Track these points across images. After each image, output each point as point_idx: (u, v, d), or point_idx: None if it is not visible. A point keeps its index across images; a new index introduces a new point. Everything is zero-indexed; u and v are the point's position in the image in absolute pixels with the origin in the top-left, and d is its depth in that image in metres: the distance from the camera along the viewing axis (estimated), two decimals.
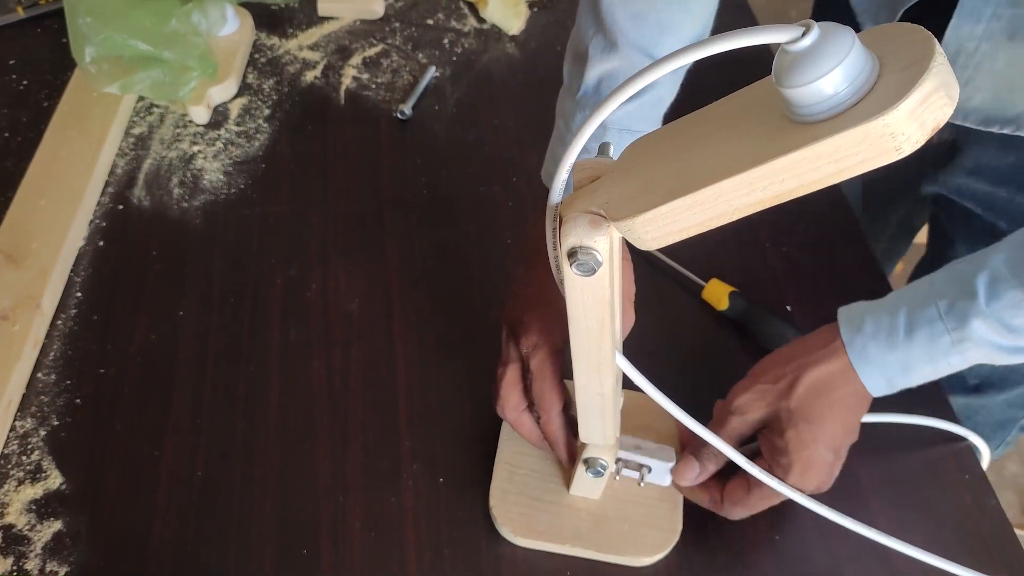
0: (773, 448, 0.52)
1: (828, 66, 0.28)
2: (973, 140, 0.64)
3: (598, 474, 0.53)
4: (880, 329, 0.49)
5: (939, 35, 0.56)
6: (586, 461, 0.53)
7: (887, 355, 0.49)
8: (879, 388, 0.51)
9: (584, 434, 0.51)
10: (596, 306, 0.40)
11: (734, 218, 0.33)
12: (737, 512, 0.54)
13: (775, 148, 0.30)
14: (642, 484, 0.55)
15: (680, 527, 0.56)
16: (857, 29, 0.91)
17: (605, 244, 0.36)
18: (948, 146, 0.65)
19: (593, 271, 0.37)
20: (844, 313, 0.52)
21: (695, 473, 0.54)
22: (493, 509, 0.56)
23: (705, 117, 0.35)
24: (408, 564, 0.54)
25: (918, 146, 0.28)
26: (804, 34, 0.28)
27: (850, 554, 0.56)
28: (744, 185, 0.31)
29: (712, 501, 0.54)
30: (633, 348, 0.67)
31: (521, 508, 0.56)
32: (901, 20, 0.58)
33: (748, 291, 0.68)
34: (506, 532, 0.55)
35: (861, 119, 0.28)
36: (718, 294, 0.68)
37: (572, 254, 0.37)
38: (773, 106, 0.32)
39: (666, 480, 0.55)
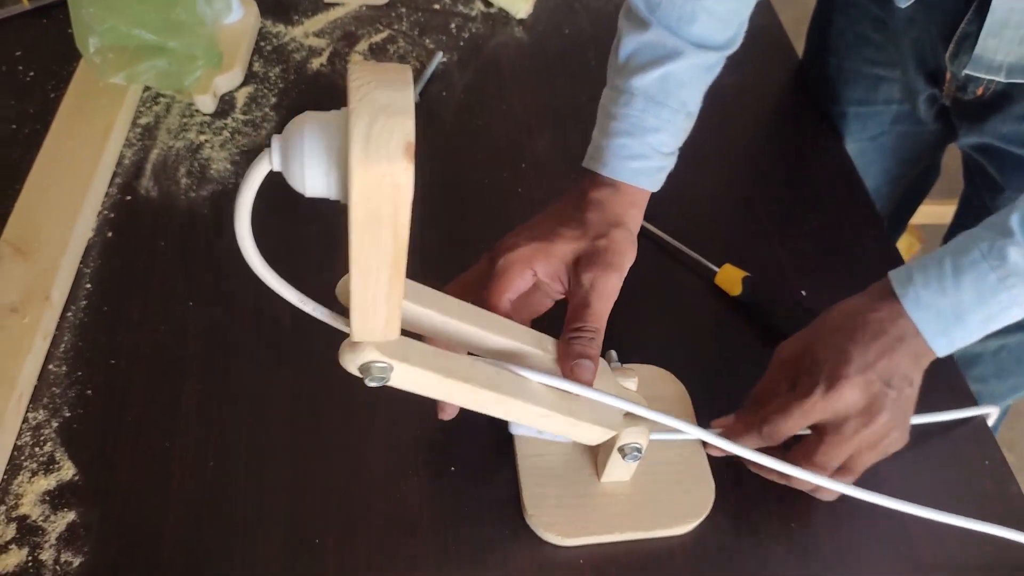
0: (805, 380, 0.51)
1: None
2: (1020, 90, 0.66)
3: (635, 458, 0.52)
4: (930, 278, 0.50)
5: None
6: (621, 449, 0.52)
7: (939, 299, 0.50)
8: (937, 338, 0.50)
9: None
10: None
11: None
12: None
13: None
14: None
15: (713, 481, 0.55)
16: (860, 20, 0.89)
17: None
18: (1000, 97, 0.66)
19: (382, 381, 0.44)
20: (892, 273, 0.53)
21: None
22: (531, 519, 0.55)
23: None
24: (417, 553, 0.54)
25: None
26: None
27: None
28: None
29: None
30: (646, 334, 0.66)
31: (559, 509, 0.55)
32: None
33: (762, 276, 0.68)
34: (550, 537, 0.54)
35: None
36: (731, 279, 0.67)
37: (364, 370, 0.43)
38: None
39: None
